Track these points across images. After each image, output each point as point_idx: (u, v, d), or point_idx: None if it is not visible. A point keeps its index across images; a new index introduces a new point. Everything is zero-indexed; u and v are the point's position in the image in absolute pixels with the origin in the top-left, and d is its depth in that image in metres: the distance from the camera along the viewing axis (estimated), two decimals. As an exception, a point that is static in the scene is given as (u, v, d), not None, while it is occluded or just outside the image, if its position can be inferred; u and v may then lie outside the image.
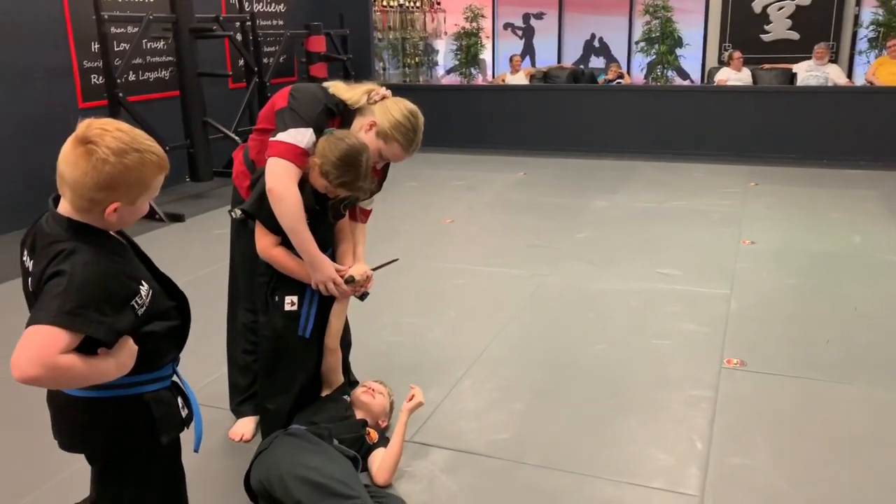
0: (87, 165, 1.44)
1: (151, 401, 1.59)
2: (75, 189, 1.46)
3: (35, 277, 1.47)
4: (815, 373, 3.19)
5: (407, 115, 2.39)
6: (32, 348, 1.35)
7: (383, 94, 2.44)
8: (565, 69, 10.90)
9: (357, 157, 2.30)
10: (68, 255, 1.43)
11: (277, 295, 2.45)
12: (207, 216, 6.03)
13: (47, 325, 1.36)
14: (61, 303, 1.37)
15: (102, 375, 1.46)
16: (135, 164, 1.47)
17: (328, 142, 2.31)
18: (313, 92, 2.41)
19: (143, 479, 1.65)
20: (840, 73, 9.07)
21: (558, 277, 4.42)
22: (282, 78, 8.14)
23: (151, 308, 1.54)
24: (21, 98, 5.65)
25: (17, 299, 3.29)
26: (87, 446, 1.63)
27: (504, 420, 2.87)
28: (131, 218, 1.55)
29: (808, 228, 5.34)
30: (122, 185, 1.46)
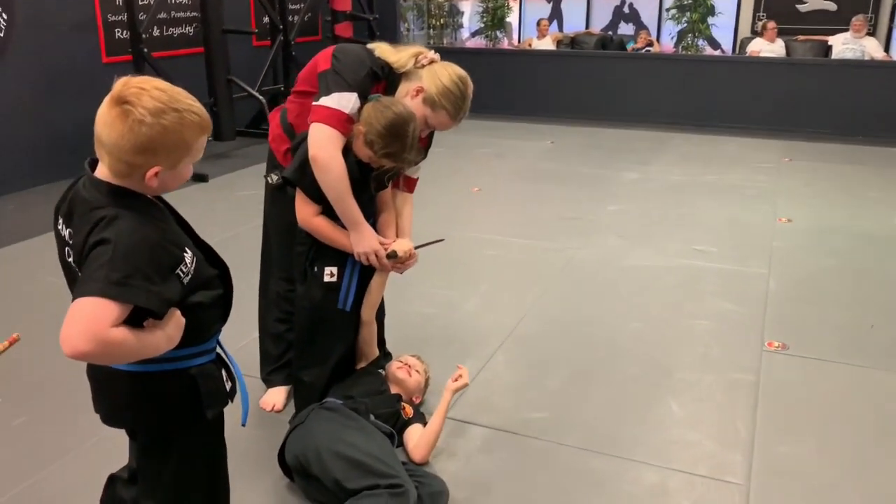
0: (124, 127, 1.35)
1: (198, 375, 1.52)
2: (113, 153, 1.37)
3: (76, 248, 1.39)
4: (860, 359, 3.09)
5: (456, 82, 2.27)
6: (82, 322, 1.27)
7: (431, 57, 2.32)
8: (593, 35, 10.65)
9: (404, 126, 2.18)
10: (110, 221, 1.35)
11: (317, 266, 2.37)
12: (231, 177, 5.95)
13: (96, 297, 1.28)
14: (108, 272, 1.29)
15: (152, 349, 1.39)
16: (174, 124, 1.37)
17: (374, 109, 2.20)
18: (358, 54, 2.29)
19: (187, 455, 1.59)
20: (877, 47, 8.81)
21: (591, 251, 4.32)
22: (306, 37, 7.99)
23: (196, 277, 1.46)
24: (43, 51, 5.55)
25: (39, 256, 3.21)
26: (131, 421, 1.57)
27: (540, 398, 2.80)
28: (174, 183, 1.46)
29: (846, 207, 5.20)
30: (161, 147, 1.37)
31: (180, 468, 1.59)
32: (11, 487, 2.28)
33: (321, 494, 2.14)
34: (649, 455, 2.47)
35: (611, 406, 2.76)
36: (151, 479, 1.60)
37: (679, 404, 2.77)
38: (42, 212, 5.06)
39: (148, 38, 5.93)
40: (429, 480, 2.17)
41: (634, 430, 2.61)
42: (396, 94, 2.32)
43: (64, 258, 1.48)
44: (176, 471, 1.59)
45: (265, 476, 2.33)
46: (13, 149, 5.40)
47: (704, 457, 2.46)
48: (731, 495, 2.27)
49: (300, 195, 2.30)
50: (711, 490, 2.30)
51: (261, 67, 6.99)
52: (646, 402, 2.79)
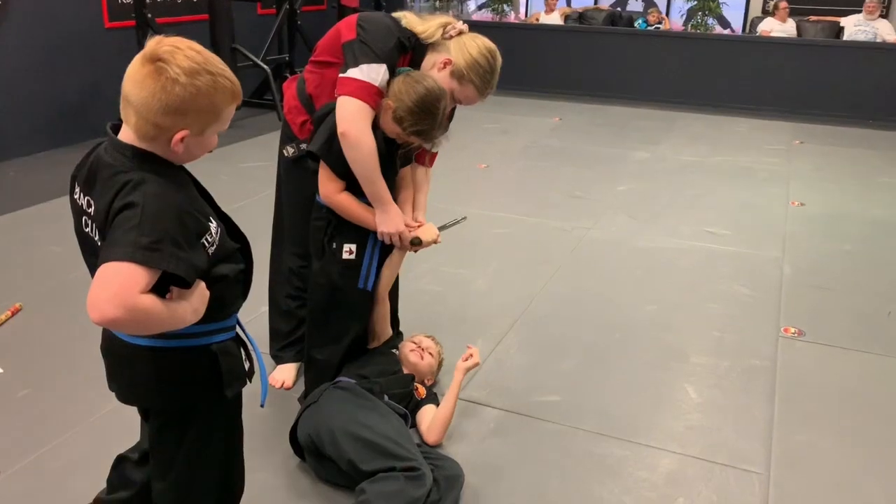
0: (156, 86, 1.29)
1: (219, 352, 1.47)
2: (141, 112, 1.31)
3: (100, 213, 1.33)
4: (878, 347, 3.05)
5: (485, 55, 2.18)
6: (112, 287, 1.21)
7: (460, 28, 2.23)
8: (602, 10, 10.48)
9: (435, 103, 2.10)
10: (136, 185, 1.29)
11: (335, 242, 2.29)
12: (235, 147, 5.85)
13: (125, 262, 1.22)
14: (137, 236, 1.24)
15: (179, 320, 1.33)
16: (207, 87, 1.32)
17: (405, 83, 2.11)
18: (384, 23, 2.20)
19: (204, 435, 1.54)
20: (890, 29, 8.68)
21: (601, 231, 4.26)
22: (312, 6, 7.86)
23: (220, 248, 1.41)
24: (44, 16, 5.42)
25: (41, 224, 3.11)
26: (149, 399, 1.51)
27: (554, 380, 2.75)
28: (199, 150, 1.40)
29: (859, 192, 5.13)
30: (191, 110, 1.31)
31: (195, 449, 1.54)
32: (16, 461, 2.23)
33: (334, 475, 2.10)
34: (666, 441, 2.42)
35: (626, 390, 2.71)
36: (166, 459, 1.54)
37: (695, 390, 2.73)
38: (43, 178, 5.00)
39: (151, 3, 5.80)
40: (444, 463, 2.13)
41: (650, 414, 2.57)
42: (423, 65, 2.24)
43: (81, 228, 1.41)
44: (191, 451, 1.54)
45: (275, 454, 2.29)
46: (13, 114, 5.30)
47: (723, 444, 2.42)
48: (752, 484, 2.23)
49: (325, 170, 2.21)
50: (731, 478, 2.26)
51: (266, 36, 6.87)
52: (661, 387, 2.74)
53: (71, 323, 2.97)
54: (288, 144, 2.45)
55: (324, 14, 8.22)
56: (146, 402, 1.53)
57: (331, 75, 2.25)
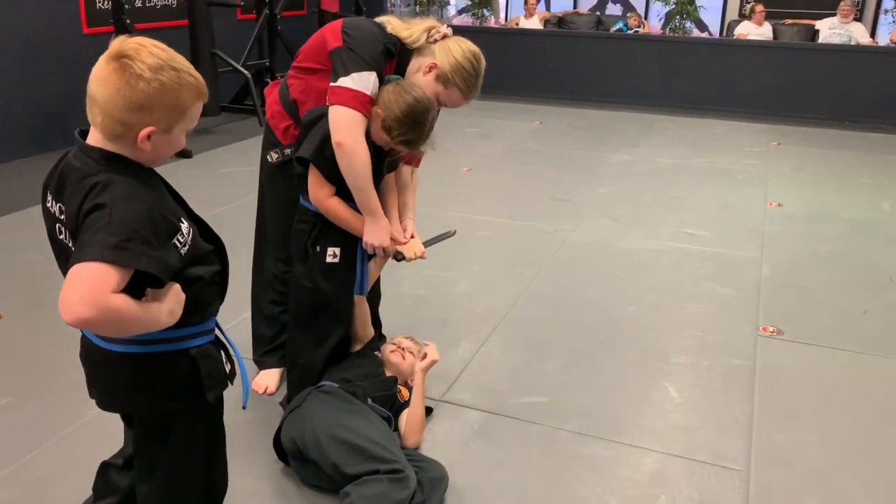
0: (121, 81, 1.29)
1: (198, 356, 1.47)
2: (106, 109, 1.31)
3: (70, 218, 1.33)
4: (855, 345, 3.09)
5: (470, 59, 2.19)
6: (82, 287, 1.21)
7: (444, 32, 2.24)
8: (581, 15, 10.56)
9: (424, 113, 2.13)
10: (105, 187, 1.29)
11: (319, 245, 2.29)
12: (215, 153, 5.83)
13: (95, 262, 1.22)
14: (106, 237, 1.24)
15: (154, 322, 1.32)
16: (172, 82, 1.32)
17: (394, 93, 2.13)
18: (369, 29, 2.20)
19: (186, 439, 1.54)
20: (864, 32, 8.82)
21: (583, 233, 4.28)
22: (292, 11, 7.85)
23: (193, 249, 1.41)
24: (22, 21, 5.38)
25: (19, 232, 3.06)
26: (130, 405, 1.51)
27: (538, 381, 2.77)
28: (166, 149, 1.39)
29: (835, 193, 5.20)
30: (157, 105, 1.31)
31: (179, 453, 1.54)
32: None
33: (318, 479, 2.10)
34: (648, 440, 2.45)
35: (609, 390, 2.73)
36: (149, 464, 1.54)
37: (677, 389, 2.75)
38: (21, 185, 4.95)
39: (130, 8, 5.77)
40: (428, 465, 2.14)
41: (633, 414, 2.59)
42: (408, 69, 2.24)
43: (55, 235, 1.41)
44: (174, 455, 1.54)
45: (258, 459, 2.29)
46: (-10, 121, 5.25)
47: (704, 442, 2.44)
48: (732, 481, 2.26)
49: (315, 175, 2.21)
50: (712, 476, 2.28)
51: (246, 41, 6.86)
52: (644, 386, 2.77)
53: (51, 330, 2.94)
54: (271, 150, 2.45)
55: (304, 19, 8.21)
56: (126, 409, 1.53)
57: (315, 81, 2.26)
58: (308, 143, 2.19)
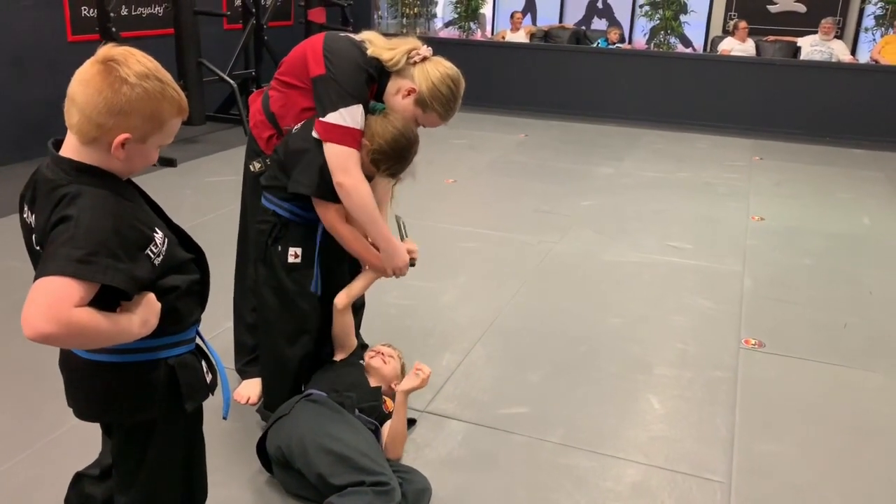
0: (104, 83, 1.29)
1: (177, 366, 1.46)
2: (84, 110, 1.30)
3: (39, 229, 1.32)
4: (835, 358, 3.12)
5: (448, 83, 2.23)
6: (43, 302, 1.20)
7: (424, 54, 2.25)
8: (567, 29, 10.64)
9: (410, 147, 2.20)
10: (73, 198, 1.28)
11: (280, 245, 2.30)
12: (200, 161, 5.81)
13: (57, 276, 1.21)
14: (70, 250, 1.22)
15: (125, 333, 1.31)
16: (155, 92, 1.32)
17: (381, 125, 2.18)
18: (350, 55, 2.21)
19: (166, 449, 1.52)
20: (844, 50, 8.95)
21: (567, 245, 4.31)
22: (279, 21, 7.86)
23: (168, 259, 1.40)
24: (6, 28, 5.35)
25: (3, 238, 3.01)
26: (107, 414, 1.49)
27: (521, 393, 2.77)
28: (139, 160, 1.38)
29: (817, 207, 5.26)
30: (135, 112, 1.30)
31: (157, 463, 1.53)
32: (-26, 480, 2.18)
33: (302, 488, 2.09)
34: (631, 452, 2.46)
35: (591, 401, 2.74)
36: (127, 474, 1.53)
37: (659, 401, 2.77)
38: (3, 192, 4.89)
39: (116, 17, 5.76)
40: (412, 477, 2.13)
41: (616, 426, 2.60)
42: (387, 90, 2.27)
43: (31, 246, 1.40)
44: (153, 465, 1.52)
45: (240, 469, 2.27)
46: (-27, 127, 5.21)
47: (686, 454, 2.46)
48: (713, 493, 2.27)
49: (323, 204, 2.24)
50: (693, 487, 2.29)
51: (232, 51, 6.86)
52: (627, 398, 2.78)
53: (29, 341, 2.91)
54: (254, 160, 2.45)
55: (290, 29, 8.22)
56: (104, 418, 1.51)
57: (296, 97, 2.29)
58: (304, 178, 2.20)
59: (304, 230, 2.30)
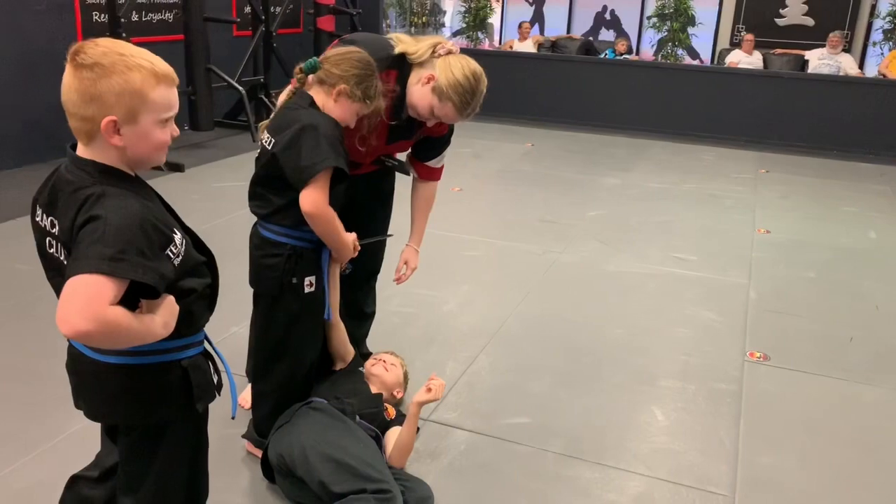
0: (73, 78, 1.31)
1: (189, 367, 1.48)
2: (69, 110, 1.33)
3: (64, 231, 1.33)
4: (840, 372, 3.11)
5: (468, 76, 2.19)
6: (79, 300, 1.21)
7: (449, 48, 2.25)
8: (574, 40, 10.67)
9: (366, 60, 2.07)
10: (98, 198, 1.29)
11: (296, 277, 2.17)
12: (208, 167, 5.84)
13: (91, 274, 1.22)
14: (102, 248, 1.24)
15: (149, 334, 1.33)
16: (116, 65, 1.29)
17: (337, 62, 2.06)
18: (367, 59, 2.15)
19: (174, 450, 1.54)
20: (852, 63, 8.95)
21: (572, 256, 4.31)
22: (288, 28, 7.89)
23: (186, 260, 1.41)
24: (19, 31, 5.39)
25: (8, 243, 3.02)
26: (123, 415, 1.50)
27: (524, 403, 2.77)
28: (142, 143, 1.35)
29: (823, 221, 5.25)
30: (105, 91, 1.29)
31: (166, 463, 1.54)
32: (-23, 482, 2.19)
33: (304, 496, 2.09)
34: (634, 463, 2.45)
35: (595, 412, 2.74)
36: (136, 474, 1.53)
37: (663, 412, 2.76)
38: (13, 196, 4.93)
39: (126, 22, 5.80)
40: (414, 485, 2.13)
41: (619, 437, 2.59)
42: (409, 80, 2.26)
43: (44, 249, 1.41)
44: (162, 466, 1.54)
45: (243, 476, 2.28)
46: (-18, 130, 5.25)
47: (689, 466, 2.45)
48: (717, 506, 2.26)
49: (326, 179, 2.02)
50: (697, 500, 2.28)
51: (241, 58, 6.89)
52: (630, 409, 2.77)
53: (36, 341, 2.93)
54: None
55: (300, 37, 8.26)
56: (117, 419, 1.52)
57: None
58: (314, 154, 1.99)
59: (315, 256, 2.18)
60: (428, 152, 2.54)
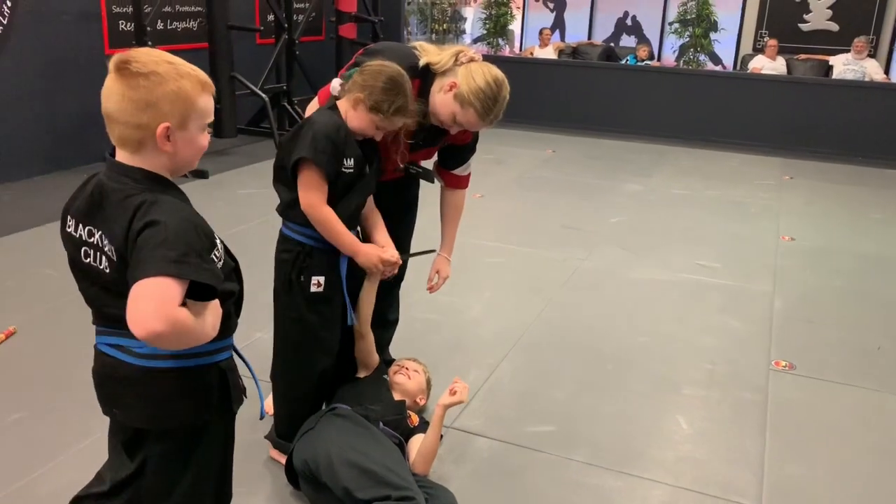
0: (124, 86, 1.33)
1: (227, 369, 1.52)
2: (119, 118, 1.35)
3: (116, 237, 1.34)
4: (868, 381, 3.07)
5: (490, 83, 2.19)
6: (152, 302, 1.24)
7: (471, 56, 2.26)
8: (596, 46, 10.64)
9: (398, 76, 2.08)
10: (152, 204, 1.33)
11: (304, 275, 2.20)
12: (231, 174, 5.89)
13: (159, 277, 1.25)
14: (166, 252, 1.27)
15: (203, 335, 1.35)
16: (170, 73, 1.35)
17: (365, 74, 2.09)
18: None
19: (209, 453, 1.56)
20: (878, 69, 8.84)
21: (595, 262, 4.29)
22: (310, 36, 7.95)
23: (225, 264, 1.45)
24: (48, 40, 5.48)
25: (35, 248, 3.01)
26: (166, 419, 1.49)
27: (548, 410, 2.76)
28: (187, 149, 1.41)
29: (849, 228, 5.19)
30: (161, 98, 1.34)
31: (202, 465, 1.56)
32: (6, 486, 2.22)
33: (328, 502, 2.09)
34: (658, 472, 2.43)
35: (619, 420, 2.72)
36: (166, 483, 1.53)
37: (687, 421, 2.74)
38: (40, 203, 5.01)
39: (152, 31, 5.87)
40: (438, 493, 2.13)
41: (643, 446, 2.58)
42: (432, 88, 2.26)
43: (79, 259, 1.42)
44: (197, 470, 1.55)
45: (267, 482, 2.29)
46: (11, 138, 5.32)
47: (715, 476, 2.42)
48: (743, 516, 2.24)
49: (310, 176, 2.08)
50: (722, 510, 2.26)
51: (264, 65, 6.94)
52: (654, 418, 2.75)
53: (64, 347, 2.97)
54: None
55: (322, 45, 8.31)
56: (161, 424, 1.50)
57: None
58: (297, 147, 2.07)
59: (327, 257, 2.20)
60: (454, 160, 2.55)
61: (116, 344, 1.44)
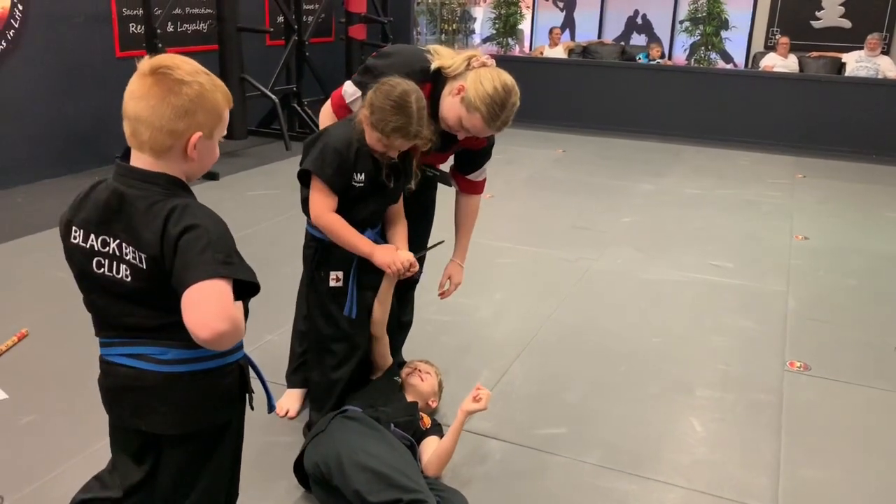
0: (164, 90, 1.34)
1: (244, 365, 1.54)
2: (154, 123, 1.34)
3: (149, 244, 1.33)
4: (884, 383, 3.04)
5: (497, 88, 2.18)
6: (214, 304, 1.25)
7: (483, 61, 2.25)
8: (606, 45, 10.61)
9: (405, 96, 2.09)
10: (184, 209, 1.34)
11: (322, 270, 2.32)
12: (241, 175, 5.89)
13: (213, 280, 1.27)
14: (213, 254, 1.29)
15: (242, 333, 1.36)
16: (209, 85, 1.39)
17: (374, 92, 2.13)
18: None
19: (226, 452, 1.57)
20: (891, 66, 8.77)
21: (606, 263, 4.27)
22: (320, 38, 7.96)
23: None
24: (58, 43, 5.50)
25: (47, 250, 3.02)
26: (190, 423, 1.49)
27: (560, 413, 2.74)
28: (208, 158, 1.44)
29: (863, 227, 5.15)
30: (200, 109, 1.37)
31: (219, 464, 1.57)
32: (19, 488, 2.22)
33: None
34: (672, 475, 2.41)
35: (632, 422, 2.70)
36: (185, 485, 1.53)
37: (701, 423, 2.72)
38: (51, 205, 5.02)
39: (162, 33, 5.88)
40: (449, 495, 2.12)
41: (656, 448, 2.55)
42: (442, 92, 2.27)
43: (90, 270, 1.40)
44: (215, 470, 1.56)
45: (278, 484, 2.28)
46: (23, 140, 5.35)
47: (729, 478, 2.40)
48: (758, 520, 2.22)
49: (316, 186, 2.20)
50: (737, 513, 2.24)
51: (274, 67, 6.95)
52: (667, 420, 2.73)
53: (76, 349, 2.97)
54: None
55: (331, 46, 8.30)
56: (186, 427, 1.49)
57: None
58: (309, 156, 2.20)
59: (344, 253, 2.27)
60: (468, 165, 2.55)
61: (137, 354, 1.43)
